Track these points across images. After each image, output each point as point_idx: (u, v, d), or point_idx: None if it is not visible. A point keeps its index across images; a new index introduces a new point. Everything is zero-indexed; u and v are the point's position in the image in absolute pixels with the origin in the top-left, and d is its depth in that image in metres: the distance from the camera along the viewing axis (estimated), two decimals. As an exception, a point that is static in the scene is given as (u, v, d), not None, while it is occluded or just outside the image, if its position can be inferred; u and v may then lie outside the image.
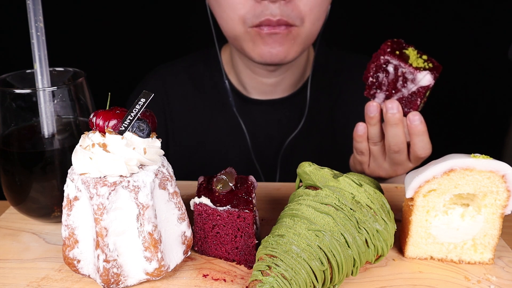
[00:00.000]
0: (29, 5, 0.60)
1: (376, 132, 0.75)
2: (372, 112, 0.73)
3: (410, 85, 0.70)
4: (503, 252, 0.61)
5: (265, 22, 0.84)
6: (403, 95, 0.71)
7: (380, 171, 0.81)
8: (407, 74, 0.69)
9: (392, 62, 0.70)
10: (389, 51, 0.70)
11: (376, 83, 0.72)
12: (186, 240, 0.57)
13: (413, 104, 0.71)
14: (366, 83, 0.74)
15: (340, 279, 0.52)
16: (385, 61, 0.70)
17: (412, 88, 0.70)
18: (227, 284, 0.55)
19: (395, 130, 0.72)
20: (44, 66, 0.62)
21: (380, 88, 0.72)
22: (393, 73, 0.70)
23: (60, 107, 0.64)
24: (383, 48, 0.72)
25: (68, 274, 0.57)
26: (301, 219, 0.53)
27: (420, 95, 0.70)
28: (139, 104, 0.51)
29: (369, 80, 0.72)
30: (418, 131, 0.71)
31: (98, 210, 0.50)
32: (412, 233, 0.58)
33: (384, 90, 0.72)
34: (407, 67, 0.69)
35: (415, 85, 0.69)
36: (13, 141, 0.64)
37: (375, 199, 0.54)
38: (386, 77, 0.71)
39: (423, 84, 0.69)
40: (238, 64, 1.03)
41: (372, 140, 0.77)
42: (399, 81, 0.70)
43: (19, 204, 0.66)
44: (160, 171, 0.53)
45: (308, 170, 0.58)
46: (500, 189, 0.55)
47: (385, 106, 0.71)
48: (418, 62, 0.70)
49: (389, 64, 0.70)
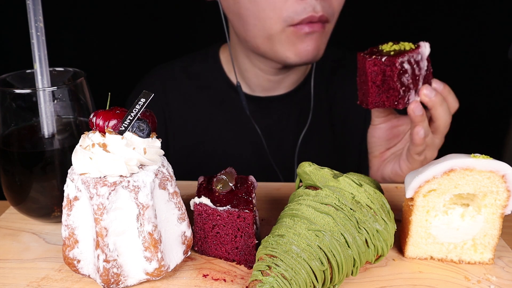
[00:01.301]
0: (29, 5, 0.60)
1: (427, 126, 0.76)
2: (420, 111, 0.72)
3: (422, 63, 0.71)
4: (503, 252, 0.61)
5: (307, 19, 0.85)
6: (423, 76, 0.72)
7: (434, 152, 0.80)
8: (416, 58, 0.70)
9: (404, 60, 0.69)
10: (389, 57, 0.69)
11: (405, 88, 0.71)
12: (186, 240, 0.57)
13: (430, 76, 0.74)
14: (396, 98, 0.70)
15: (340, 279, 0.52)
16: (400, 64, 0.69)
17: (424, 65, 0.72)
18: (227, 284, 0.55)
19: (444, 108, 0.74)
20: (44, 66, 0.62)
21: (408, 89, 0.71)
22: (410, 67, 0.70)
23: (60, 107, 0.64)
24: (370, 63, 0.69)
25: (68, 274, 0.57)
26: (301, 219, 0.53)
27: (429, 63, 0.73)
28: (139, 104, 0.51)
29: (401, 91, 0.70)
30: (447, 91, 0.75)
31: (98, 210, 0.50)
32: (412, 233, 0.58)
33: (412, 87, 0.71)
34: (412, 53, 0.70)
35: (425, 60, 0.72)
36: (13, 141, 0.64)
37: (375, 199, 0.54)
38: (408, 76, 0.70)
39: (427, 53, 0.72)
40: (244, 62, 1.02)
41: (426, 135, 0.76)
42: (415, 69, 0.71)
43: (19, 204, 0.66)
44: (160, 171, 0.53)
45: (308, 170, 0.58)
46: (500, 189, 0.55)
47: (424, 95, 0.72)
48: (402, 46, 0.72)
49: (404, 64, 0.69)
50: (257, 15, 0.87)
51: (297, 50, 0.88)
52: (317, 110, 1.06)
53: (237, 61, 1.04)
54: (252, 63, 1.01)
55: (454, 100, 0.77)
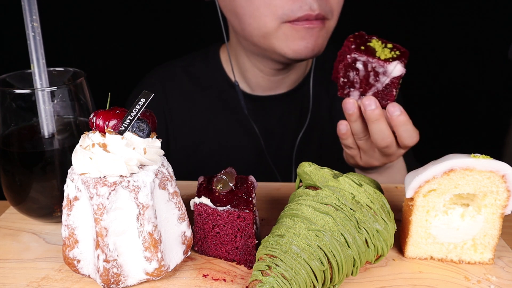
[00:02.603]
0: (24, 6, 0.60)
1: (359, 128, 0.75)
2: (350, 109, 0.72)
3: (383, 78, 0.68)
4: (503, 252, 0.61)
5: (303, 17, 0.84)
6: (377, 89, 0.70)
7: (373, 161, 0.80)
8: (377, 68, 0.68)
9: (360, 59, 0.68)
10: (354, 48, 0.69)
11: (348, 82, 0.71)
12: (186, 240, 0.57)
13: (389, 96, 0.70)
14: (338, 83, 0.72)
15: (340, 279, 0.52)
16: (353, 59, 0.68)
17: (385, 80, 0.68)
18: (227, 284, 0.55)
19: (379, 126, 0.71)
20: (42, 66, 0.62)
21: (353, 86, 0.71)
22: (363, 70, 0.69)
23: (60, 107, 0.64)
24: (347, 45, 0.70)
25: (68, 274, 0.57)
26: (301, 219, 0.53)
27: (395, 86, 0.69)
28: (139, 104, 0.51)
29: (341, 81, 0.71)
30: (400, 122, 0.70)
31: (98, 210, 0.50)
32: (412, 233, 0.58)
33: (358, 88, 0.70)
34: (375, 61, 0.68)
35: (388, 77, 0.68)
36: (13, 141, 0.64)
37: (375, 199, 0.54)
38: (357, 75, 0.69)
39: (395, 75, 0.68)
40: (244, 62, 1.02)
41: (357, 136, 0.77)
42: (370, 76, 0.69)
43: (19, 204, 0.66)
44: (160, 171, 0.53)
45: (308, 170, 0.58)
46: (500, 189, 0.55)
47: (362, 104, 0.70)
48: (385, 52, 0.69)
49: (357, 62, 0.68)
50: (252, 13, 0.87)
51: (296, 47, 0.87)
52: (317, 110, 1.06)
53: (237, 61, 1.04)
54: (252, 63, 1.01)
55: (407, 134, 0.72)
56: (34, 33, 0.61)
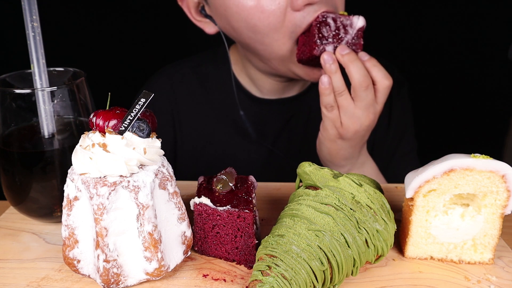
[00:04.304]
0: (24, 6, 0.60)
1: (339, 80, 0.78)
2: (330, 60, 0.78)
3: (350, 30, 0.80)
4: (503, 252, 0.61)
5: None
6: (347, 41, 0.80)
7: (354, 123, 0.80)
8: (344, 21, 0.79)
9: (329, 15, 0.79)
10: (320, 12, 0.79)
11: (323, 38, 0.79)
12: (186, 240, 0.57)
13: (358, 46, 0.81)
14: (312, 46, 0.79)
15: (340, 279, 0.52)
16: (323, 15, 0.79)
17: (352, 32, 0.80)
18: (227, 284, 0.55)
19: (356, 65, 0.77)
20: (42, 66, 0.62)
21: (327, 41, 0.79)
22: (334, 25, 0.79)
23: (60, 107, 0.64)
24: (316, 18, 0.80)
25: (68, 274, 0.57)
26: (301, 219, 0.53)
27: (360, 36, 0.80)
28: (139, 104, 0.51)
29: (316, 37, 0.78)
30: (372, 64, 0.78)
31: (98, 210, 0.50)
32: (412, 233, 0.58)
33: (331, 42, 0.80)
34: (342, 16, 0.80)
35: (354, 29, 0.80)
36: (13, 141, 0.64)
37: (375, 199, 0.54)
38: (329, 28, 0.79)
39: (360, 25, 0.80)
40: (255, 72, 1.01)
41: (338, 91, 0.79)
42: (340, 30, 0.80)
43: (19, 204, 0.66)
44: (160, 171, 0.53)
45: (308, 170, 0.58)
46: (500, 189, 0.55)
47: (338, 53, 0.78)
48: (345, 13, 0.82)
49: (327, 17, 0.79)
50: (262, 41, 0.85)
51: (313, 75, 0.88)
52: None
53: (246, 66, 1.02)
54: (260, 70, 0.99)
55: (381, 75, 0.78)
56: (34, 33, 0.61)
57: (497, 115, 1.70)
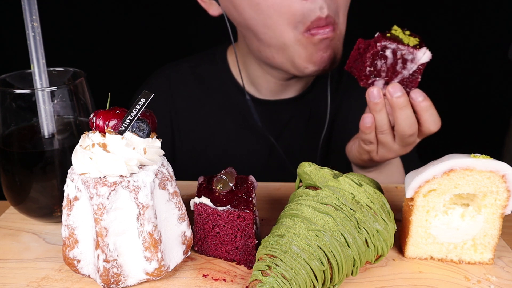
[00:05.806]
0: (24, 6, 0.60)
1: (383, 119, 0.73)
2: (376, 97, 0.71)
3: (410, 65, 0.69)
4: (503, 252, 0.61)
5: (315, 23, 0.82)
6: (403, 76, 0.70)
7: (390, 154, 0.79)
8: (406, 55, 0.69)
9: (390, 47, 0.69)
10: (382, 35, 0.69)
11: (374, 71, 0.71)
12: (186, 240, 0.57)
13: (413, 83, 0.71)
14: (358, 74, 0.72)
15: (340, 279, 0.52)
16: (383, 47, 0.69)
17: (412, 68, 0.69)
18: (227, 284, 0.55)
19: (405, 113, 0.71)
20: (42, 66, 0.62)
21: (379, 75, 0.71)
22: (392, 58, 0.69)
23: (60, 107, 0.64)
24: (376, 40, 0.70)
25: (68, 274, 0.57)
26: (301, 219, 0.53)
27: (420, 72, 0.70)
28: (139, 104, 0.51)
29: (367, 70, 0.70)
30: (425, 107, 0.71)
31: (98, 210, 0.50)
32: (412, 233, 0.58)
33: (383, 76, 0.71)
34: (406, 48, 0.68)
35: (415, 64, 0.69)
36: (13, 141, 0.64)
37: (375, 199, 0.54)
38: (385, 63, 0.69)
39: (424, 61, 0.69)
40: (255, 69, 1.01)
41: (380, 129, 0.75)
42: (398, 64, 0.69)
43: (19, 204, 0.66)
44: (160, 171, 0.53)
45: (308, 170, 0.58)
46: (500, 189, 0.55)
47: (388, 92, 0.70)
48: (411, 40, 0.70)
49: (386, 50, 0.69)
50: (265, 23, 0.84)
51: (314, 59, 0.86)
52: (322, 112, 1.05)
53: (246, 65, 1.02)
54: (264, 70, 0.99)
55: (432, 119, 0.72)
56: (34, 33, 0.61)
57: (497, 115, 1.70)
